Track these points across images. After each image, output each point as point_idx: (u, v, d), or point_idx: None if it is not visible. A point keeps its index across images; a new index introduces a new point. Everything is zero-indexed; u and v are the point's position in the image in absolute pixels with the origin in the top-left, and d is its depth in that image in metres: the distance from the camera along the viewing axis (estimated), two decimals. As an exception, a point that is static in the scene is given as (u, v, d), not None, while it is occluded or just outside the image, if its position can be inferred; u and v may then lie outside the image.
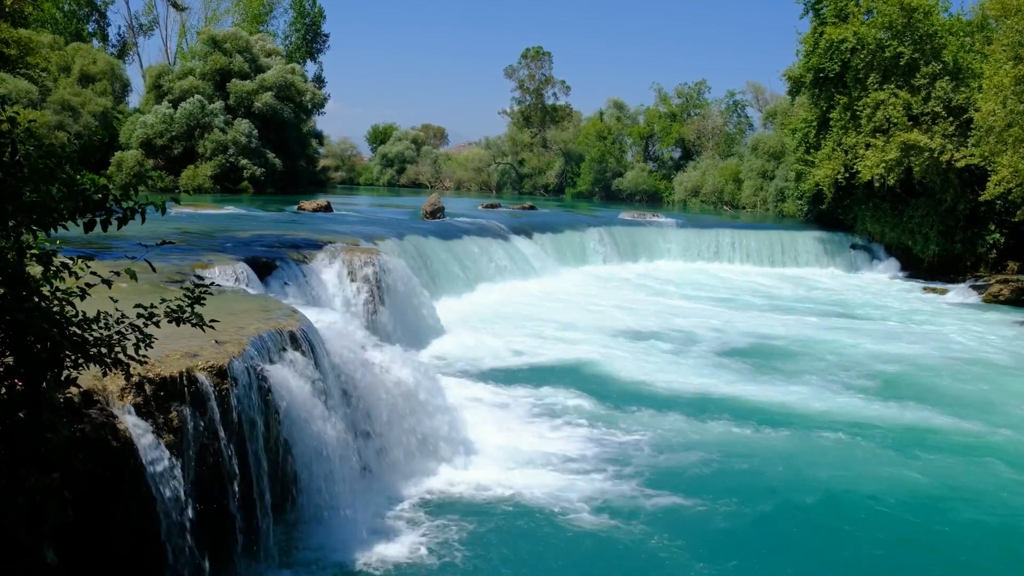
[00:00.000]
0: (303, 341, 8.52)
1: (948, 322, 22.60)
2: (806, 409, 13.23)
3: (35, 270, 4.38)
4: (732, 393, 14.04)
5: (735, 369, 15.82)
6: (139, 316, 4.96)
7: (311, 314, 9.79)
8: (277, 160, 47.50)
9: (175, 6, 62.59)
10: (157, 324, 4.98)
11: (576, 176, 68.11)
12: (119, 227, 4.56)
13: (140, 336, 4.94)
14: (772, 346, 18.16)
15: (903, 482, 10.25)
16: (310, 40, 67.50)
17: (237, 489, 6.91)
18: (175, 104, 45.95)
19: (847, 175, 31.63)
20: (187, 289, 5.22)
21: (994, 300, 26.53)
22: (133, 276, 4.63)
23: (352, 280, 15.34)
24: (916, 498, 9.80)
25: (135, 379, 6.02)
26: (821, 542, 8.75)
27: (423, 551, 7.94)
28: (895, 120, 29.94)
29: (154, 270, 5.66)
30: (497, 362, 15.38)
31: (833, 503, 9.61)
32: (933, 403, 13.75)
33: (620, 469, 10.26)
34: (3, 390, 4.37)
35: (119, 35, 65.57)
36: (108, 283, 4.69)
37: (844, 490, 9.94)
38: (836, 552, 8.51)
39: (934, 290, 28.46)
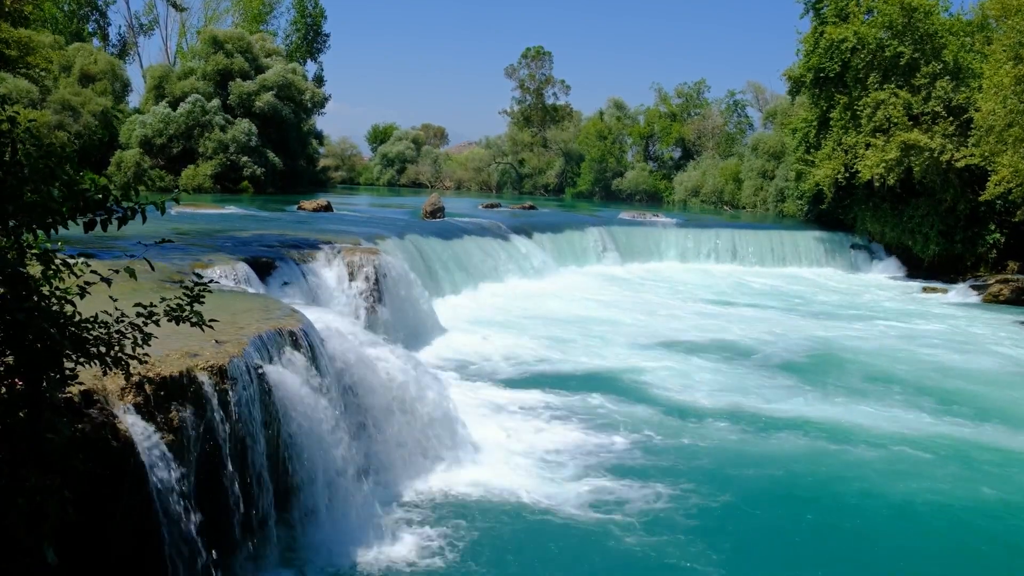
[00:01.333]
0: (303, 341, 8.52)
1: (965, 324, 22.24)
2: (862, 422, 12.57)
3: (35, 269, 4.38)
4: (773, 404, 13.51)
5: (767, 376, 15.31)
6: (139, 315, 4.96)
7: (311, 314, 9.79)
8: (277, 159, 47.50)
9: (175, 6, 62.63)
10: (157, 323, 4.98)
11: (576, 176, 68.14)
12: (119, 227, 4.56)
13: (140, 335, 4.94)
14: (804, 352, 17.57)
15: (981, 499, 9.93)
16: (311, 40, 67.51)
17: (237, 488, 6.90)
18: (175, 104, 45.98)
19: (847, 175, 31.62)
20: (187, 288, 5.22)
21: (994, 300, 26.52)
22: (132, 275, 4.63)
23: (352, 280, 15.35)
24: (990, 513, 9.57)
25: (135, 379, 6.02)
26: (900, 559, 8.51)
27: (423, 551, 7.94)
28: (895, 120, 29.93)
29: (153, 269, 5.66)
30: (496, 362, 15.38)
31: (912, 519, 9.35)
32: (992, 416, 13.24)
33: (638, 475, 10.03)
34: (3, 390, 4.37)
35: (119, 35, 65.66)
36: (108, 281, 4.69)
37: (923, 506, 9.65)
38: (917, 568, 8.38)
39: (934, 290, 28.44)
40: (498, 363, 15.30)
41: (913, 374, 16.00)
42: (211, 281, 5.33)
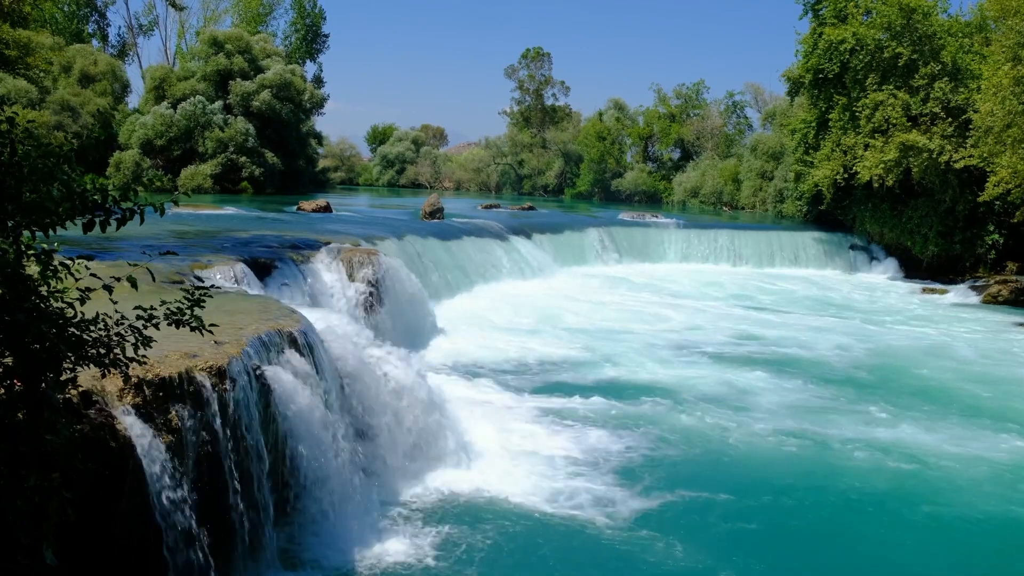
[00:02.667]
0: (302, 342, 8.52)
1: (992, 329, 21.62)
2: (924, 442, 11.86)
3: (33, 270, 4.38)
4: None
5: (798, 384, 14.83)
6: (138, 318, 4.97)
7: (310, 314, 9.79)
8: (276, 160, 47.49)
9: (173, 6, 62.59)
10: (156, 326, 4.99)
11: (576, 177, 68.14)
12: (117, 228, 4.57)
13: (139, 337, 4.94)
14: (830, 361, 16.92)
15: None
16: (310, 41, 67.56)
17: (237, 489, 6.91)
18: (175, 105, 46.00)
19: (846, 176, 31.64)
20: (186, 291, 5.23)
21: (993, 301, 26.53)
22: (134, 285, 4.62)
23: (351, 280, 15.36)
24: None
25: (134, 380, 6.03)
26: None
27: (422, 553, 7.94)
28: (894, 121, 29.94)
29: (153, 279, 5.66)
30: (496, 363, 15.37)
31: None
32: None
33: (637, 480, 10.00)
34: (2, 390, 4.37)
35: (119, 35, 65.69)
36: (109, 289, 4.70)
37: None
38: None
39: (933, 291, 28.44)
40: (496, 364, 15.30)
41: (957, 387, 15.30)
42: (211, 286, 5.34)
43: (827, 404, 13.69)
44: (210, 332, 5.26)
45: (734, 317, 21.70)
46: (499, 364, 15.31)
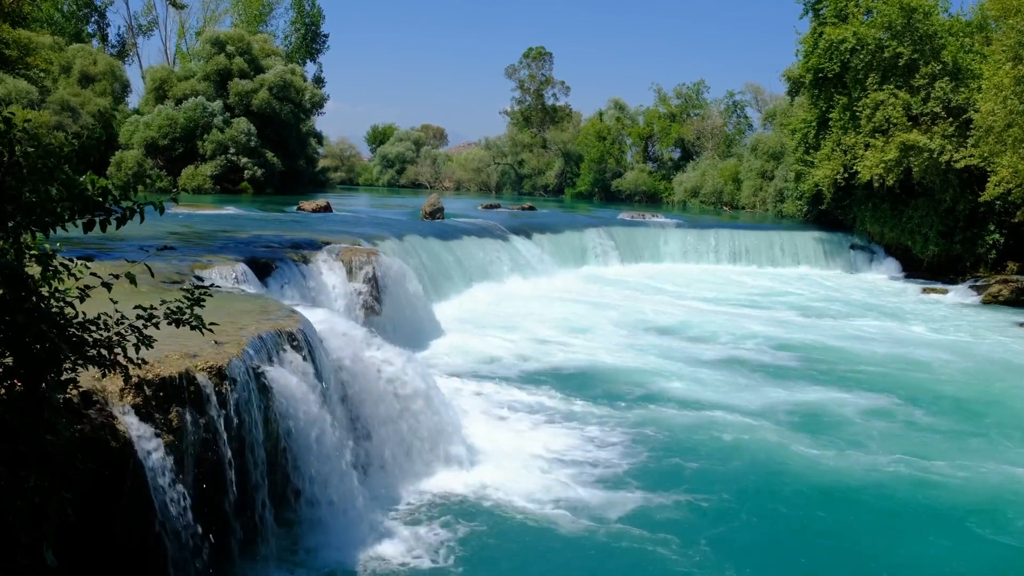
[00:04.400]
0: (302, 341, 8.51)
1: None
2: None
3: (34, 270, 4.38)
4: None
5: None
6: (138, 318, 4.96)
7: (310, 314, 9.78)
8: (276, 160, 47.50)
9: (173, 5, 62.58)
10: (157, 326, 4.98)
11: (576, 176, 68.14)
12: (117, 227, 4.56)
13: (140, 337, 4.94)
14: (873, 374, 15.93)
15: None
16: (310, 41, 67.59)
17: (236, 489, 6.91)
18: (176, 104, 46.03)
19: (846, 175, 31.62)
20: (186, 291, 5.23)
21: (993, 300, 26.51)
22: (132, 280, 4.62)
23: (351, 280, 15.35)
24: None
25: (134, 380, 6.03)
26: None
27: (421, 552, 7.94)
28: (894, 120, 29.91)
29: (152, 275, 5.66)
30: (497, 363, 15.36)
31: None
32: None
33: (629, 478, 9.98)
34: (2, 390, 4.36)
35: (119, 36, 65.71)
36: (108, 286, 4.69)
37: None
38: None
39: (934, 291, 28.41)
40: (496, 364, 15.29)
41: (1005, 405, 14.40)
42: (211, 285, 5.35)
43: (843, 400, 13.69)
44: (210, 331, 5.26)
45: (738, 317, 21.68)
46: (498, 364, 15.29)
